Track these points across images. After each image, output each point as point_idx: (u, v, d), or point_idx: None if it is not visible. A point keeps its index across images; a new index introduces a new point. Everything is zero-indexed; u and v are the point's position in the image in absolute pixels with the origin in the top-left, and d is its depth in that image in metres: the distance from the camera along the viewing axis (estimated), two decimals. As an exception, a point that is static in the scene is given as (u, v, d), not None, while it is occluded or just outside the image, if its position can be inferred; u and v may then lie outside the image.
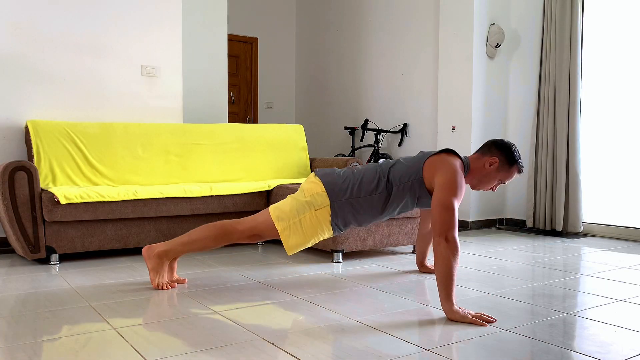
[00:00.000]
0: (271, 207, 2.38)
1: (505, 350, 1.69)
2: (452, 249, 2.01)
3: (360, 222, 2.37)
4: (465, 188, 2.25)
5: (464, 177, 2.30)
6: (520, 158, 2.32)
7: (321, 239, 2.38)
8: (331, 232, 2.35)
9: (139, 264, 3.04)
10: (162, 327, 1.90)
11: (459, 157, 2.29)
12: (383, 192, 2.30)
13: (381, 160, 2.43)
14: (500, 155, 2.30)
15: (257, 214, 2.42)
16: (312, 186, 2.34)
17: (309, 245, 2.38)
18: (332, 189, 2.31)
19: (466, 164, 2.32)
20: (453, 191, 2.12)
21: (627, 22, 4.10)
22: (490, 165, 2.30)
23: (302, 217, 2.30)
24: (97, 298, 2.29)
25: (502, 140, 2.33)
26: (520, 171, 2.33)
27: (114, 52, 3.85)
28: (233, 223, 2.39)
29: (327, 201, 2.30)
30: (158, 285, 2.44)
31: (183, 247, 2.41)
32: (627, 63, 4.10)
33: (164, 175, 3.72)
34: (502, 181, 2.34)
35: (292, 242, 2.31)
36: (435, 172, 2.21)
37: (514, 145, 2.32)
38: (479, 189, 2.39)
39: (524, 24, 4.67)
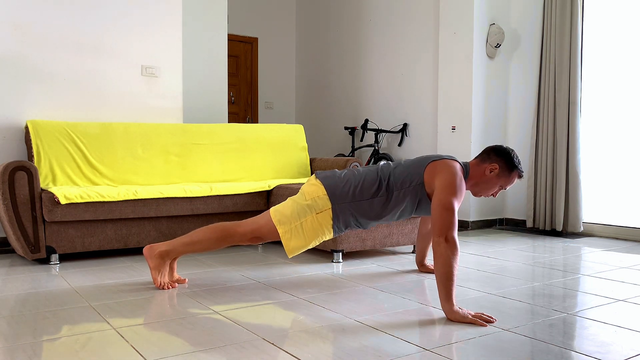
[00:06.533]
0: (272, 209, 2.37)
1: (505, 350, 1.69)
2: (452, 249, 2.02)
3: (361, 224, 2.37)
4: (465, 190, 2.25)
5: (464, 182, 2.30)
6: (520, 163, 2.33)
7: (322, 241, 2.38)
8: (332, 234, 2.35)
9: (139, 264, 3.04)
10: (162, 327, 1.90)
11: (459, 162, 2.30)
12: (383, 195, 2.30)
13: (382, 162, 2.43)
14: (500, 161, 2.30)
15: (258, 216, 2.42)
16: (313, 189, 2.34)
17: (310, 248, 2.38)
18: (334, 192, 2.31)
19: (466, 169, 2.33)
20: (453, 192, 2.13)
21: (627, 23, 4.10)
22: (490, 172, 2.30)
23: (304, 220, 2.30)
24: (97, 298, 2.29)
25: (501, 146, 2.34)
26: (520, 176, 2.34)
27: (114, 52, 3.85)
28: (234, 225, 2.40)
29: (329, 204, 2.30)
30: (160, 284, 2.44)
31: (184, 248, 2.42)
32: (627, 63, 4.10)
33: (163, 175, 3.72)
34: (502, 187, 2.35)
35: (293, 245, 2.32)
36: (436, 175, 2.22)
37: (513, 150, 2.33)
38: (480, 196, 2.39)
39: (524, 24, 4.67)
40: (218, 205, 3.41)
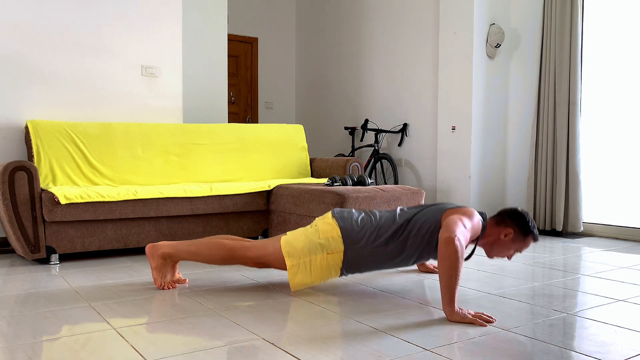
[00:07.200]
0: (283, 239, 2.35)
1: (505, 350, 1.69)
2: (461, 252, 2.01)
3: (371, 269, 2.37)
4: (478, 232, 2.25)
5: (480, 238, 2.31)
6: (534, 227, 2.31)
7: (327, 280, 2.37)
8: (338, 275, 2.36)
9: (139, 264, 3.04)
10: (162, 327, 1.90)
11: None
12: (398, 243, 2.29)
13: (399, 208, 2.42)
14: (514, 226, 2.29)
15: (266, 241, 2.40)
16: (328, 228, 2.33)
17: (314, 285, 2.38)
18: (349, 235, 2.30)
19: (484, 220, 2.32)
20: (470, 218, 2.18)
21: (627, 23, 4.10)
22: (505, 237, 2.29)
23: (313, 257, 2.29)
24: (97, 298, 2.29)
25: (515, 210, 2.32)
26: (535, 239, 2.32)
27: (114, 52, 3.85)
28: (243, 248, 2.39)
29: (342, 247, 2.29)
30: (161, 284, 2.44)
31: (188, 256, 2.42)
32: (627, 63, 4.10)
33: (163, 175, 3.72)
34: (518, 250, 2.34)
35: (298, 280, 2.31)
36: (452, 214, 2.24)
37: (527, 214, 2.31)
38: (493, 257, 2.38)
39: (524, 24, 4.67)
40: (218, 205, 3.41)
